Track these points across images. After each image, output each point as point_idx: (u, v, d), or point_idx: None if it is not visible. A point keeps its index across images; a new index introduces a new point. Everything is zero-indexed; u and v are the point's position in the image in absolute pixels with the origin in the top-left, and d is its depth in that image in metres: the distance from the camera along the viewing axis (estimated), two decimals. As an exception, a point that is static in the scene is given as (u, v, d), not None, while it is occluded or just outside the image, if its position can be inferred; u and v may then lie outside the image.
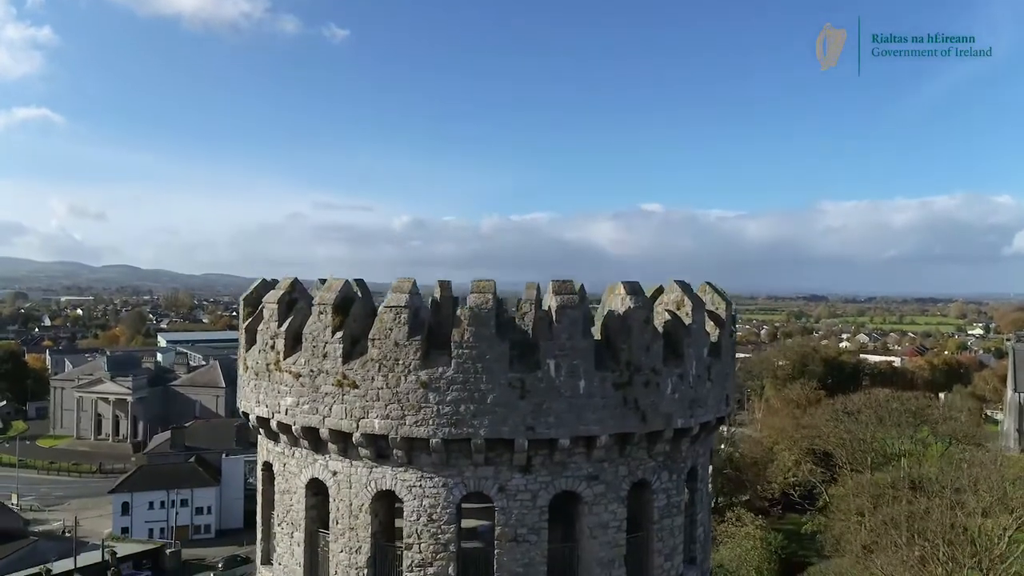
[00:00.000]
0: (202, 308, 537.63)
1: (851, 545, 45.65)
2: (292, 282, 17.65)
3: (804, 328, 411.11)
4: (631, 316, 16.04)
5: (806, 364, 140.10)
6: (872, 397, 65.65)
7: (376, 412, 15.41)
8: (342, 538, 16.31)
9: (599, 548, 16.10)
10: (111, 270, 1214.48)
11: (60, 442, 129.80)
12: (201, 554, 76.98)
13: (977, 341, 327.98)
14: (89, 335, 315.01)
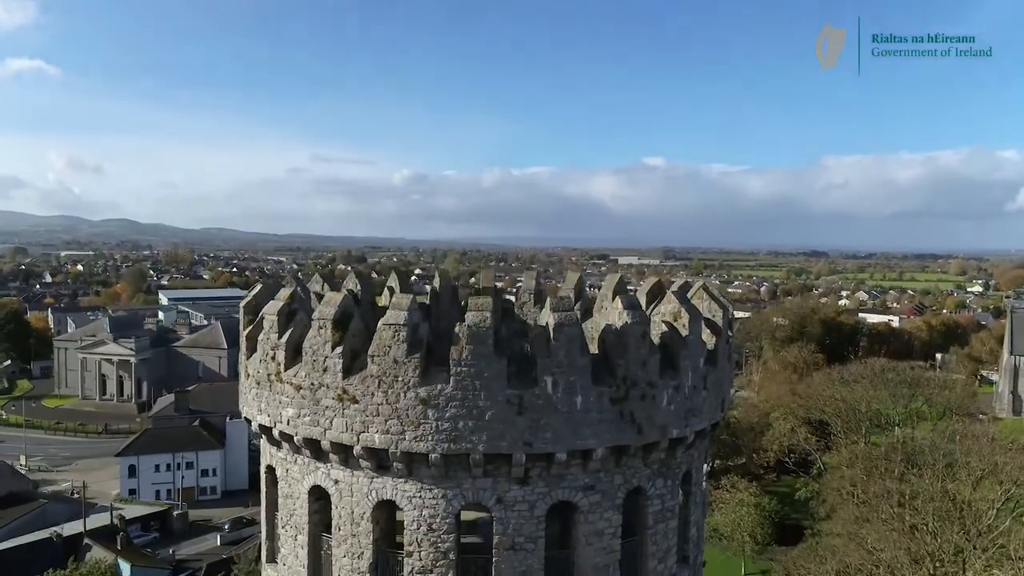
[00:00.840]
0: (202, 264, 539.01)
1: (844, 512, 46.66)
2: (292, 293, 17.73)
3: (804, 286, 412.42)
4: (628, 332, 16.17)
5: (804, 326, 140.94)
6: (868, 367, 66.14)
7: (376, 427, 15.66)
8: (344, 543, 16.74)
9: (594, 554, 16.54)
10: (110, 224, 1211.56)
11: (65, 402, 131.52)
12: (207, 515, 78.76)
13: (976, 299, 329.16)
14: (90, 292, 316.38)
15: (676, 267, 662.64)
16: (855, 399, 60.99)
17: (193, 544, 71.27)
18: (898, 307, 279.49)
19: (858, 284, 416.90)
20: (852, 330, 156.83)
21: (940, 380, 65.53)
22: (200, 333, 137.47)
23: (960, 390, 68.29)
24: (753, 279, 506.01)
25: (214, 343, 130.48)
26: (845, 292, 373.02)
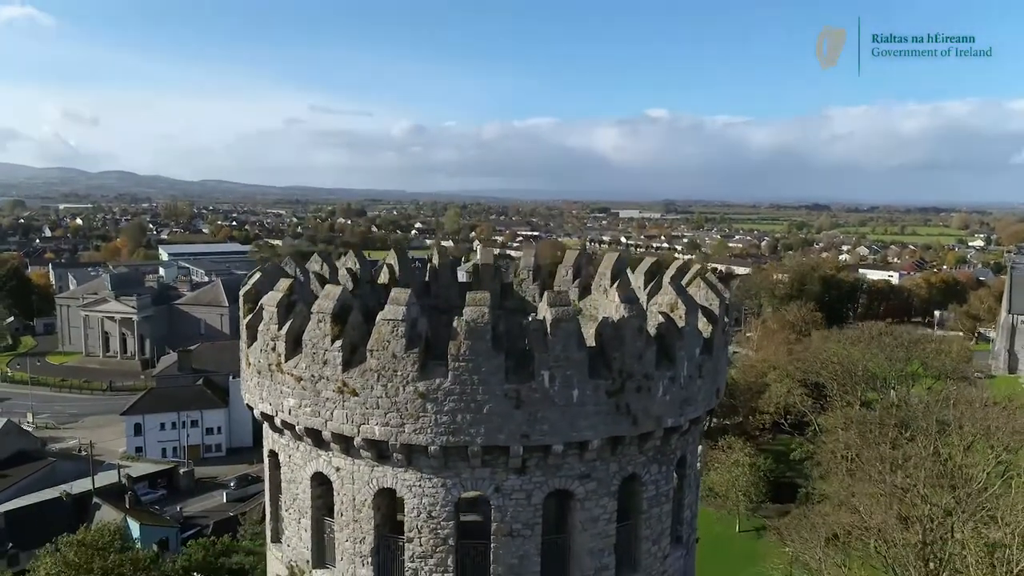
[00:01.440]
0: (202, 217, 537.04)
1: (837, 479, 47.62)
2: (290, 284, 17.80)
3: (805, 240, 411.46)
4: (625, 325, 16.30)
5: (804, 283, 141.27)
6: (865, 330, 66.52)
7: (376, 419, 15.92)
8: (347, 528, 17.19)
9: (590, 539, 17.00)
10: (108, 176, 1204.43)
11: (70, 359, 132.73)
12: (213, 472, 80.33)
13: (977, 254, 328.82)
14: (90, 247, 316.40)
15: (677, 220, 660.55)
16: (851, 362, 61.61)
17: (200, 501, 72.90)
18: (898, 262, 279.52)
19: (859, 239, 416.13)
20: (851, 287, 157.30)
21: (936, 344, 65.97)
22: (201, 291, 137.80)
23: (956, 354, 68.88)
24: (754, 233, 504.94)
25: (215, 300, 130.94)
26: (846, 247, 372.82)
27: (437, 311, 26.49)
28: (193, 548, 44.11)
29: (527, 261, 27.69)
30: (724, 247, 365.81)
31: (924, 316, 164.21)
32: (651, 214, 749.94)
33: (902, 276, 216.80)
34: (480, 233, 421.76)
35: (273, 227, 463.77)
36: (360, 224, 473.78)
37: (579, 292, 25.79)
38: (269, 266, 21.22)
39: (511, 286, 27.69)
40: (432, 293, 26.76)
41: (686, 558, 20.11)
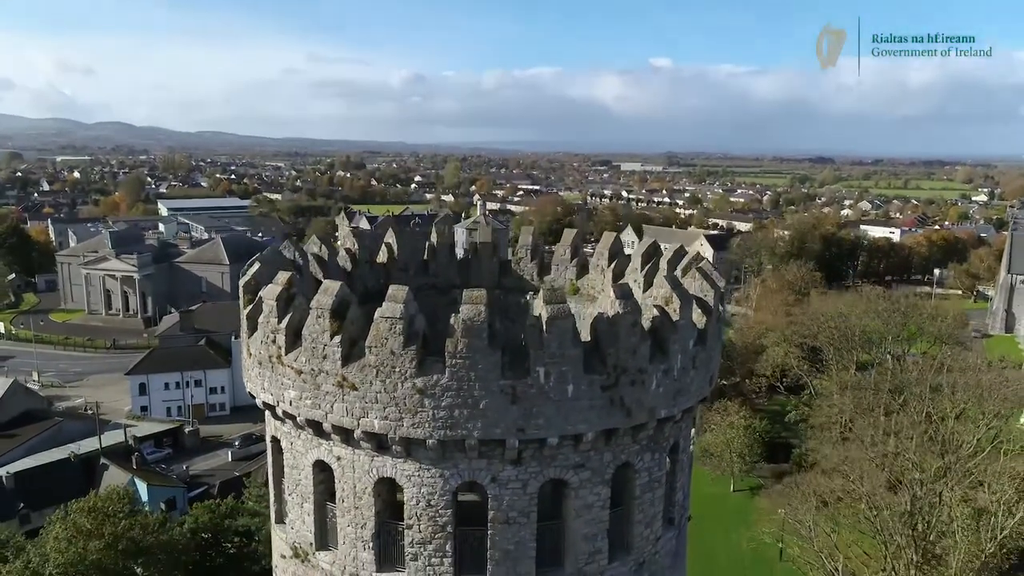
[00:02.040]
0: (200, 170, 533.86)
1: (829, 448, 48.50)
2: (289, 278, 17.93)
3: (807, 195, 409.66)
4: (620, 321, 16.51)
5: (805, 241, 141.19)
6: (863, 295, 66.78)
7: (375, 413, 16.26)
8: (348, 514, 17.70)
9: (584, 525, 17.53)
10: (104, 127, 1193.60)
11: (73, 316, 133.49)
12: (218, 431, 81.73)
13: (979, 210, 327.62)
14: (89, 201, 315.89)
15: (679, 174, 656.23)
16: (848, 327, 62.10)
17: (205, 460, 74.34)
18: (900, 218, 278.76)
19: (862, 193, 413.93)
20: (852, 246, 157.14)
21: (932, 310, 66.38)
22: (201, 249, 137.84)
23: (952, 320, 69.39)
24: (756, 187, 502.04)
25: (215, 259, 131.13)
26: (848, 202, 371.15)
27: (436, 290, 26.78)
28: (199, 510, 45.26)
29: (525, 240, 27.76)
30: (725, 202, 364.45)
31: (924, 274, 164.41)
32: (653, 167, 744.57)
33: (903, 233, 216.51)
34: (480, 188, 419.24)
35: (272, 180, 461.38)
36: (359, 177, 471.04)
37: (577, 271, 25.91)
38: (268, 252, 21.30)
39: (509, 264, 27.80)
40: (431, 272, 26.94)
41: (678, 538, 20.74)
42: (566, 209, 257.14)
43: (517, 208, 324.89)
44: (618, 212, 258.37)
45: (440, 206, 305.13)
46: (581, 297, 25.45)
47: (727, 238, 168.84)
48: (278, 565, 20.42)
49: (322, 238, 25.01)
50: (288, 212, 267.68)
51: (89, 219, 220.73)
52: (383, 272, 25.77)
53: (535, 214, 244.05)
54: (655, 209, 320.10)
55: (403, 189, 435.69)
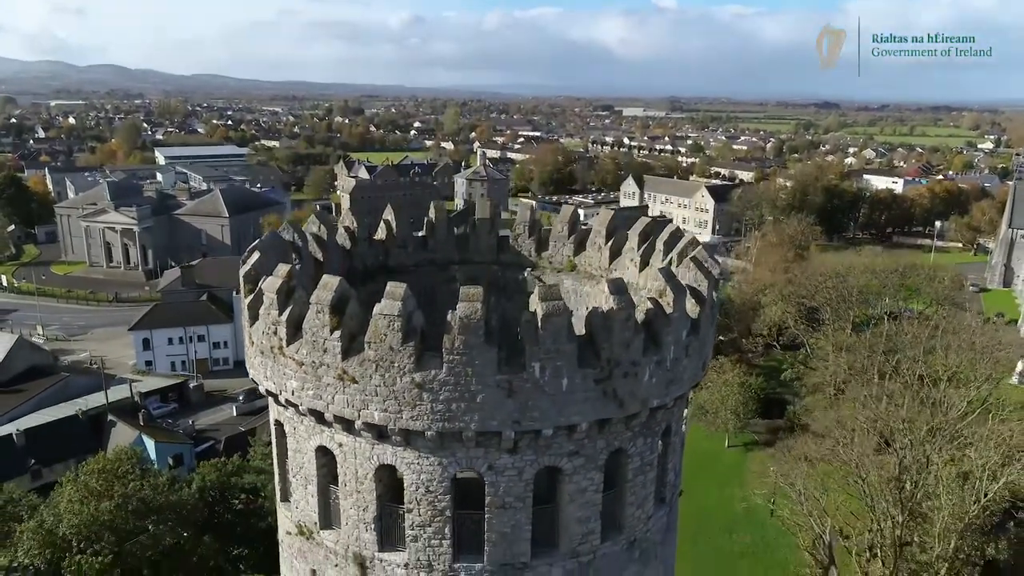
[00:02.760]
0: (196, 116, 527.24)
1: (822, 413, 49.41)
2: (289, 271, 18.16)
3: (811, 142, 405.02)
4: (613, 316, 16.82)
5: (807, 193, 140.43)
6: (862, 254, 66.85)
7: (375, 405, 16.70)
8: (351, 497, 18.34)
9: (577, 509, 18.17)
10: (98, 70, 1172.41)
11: (74, 269, 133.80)
12: (222, 385, 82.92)
13: (985, 158, 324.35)
14: (85, 148, 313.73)
15: (682, 119, 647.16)
16: (846, 287, 62.42)
17: (210, 414, 75.71)
18: (904, 167, 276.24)
19: (867, 140, 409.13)
20: (854, 198, 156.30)
21: (930, 270, 66.51)
22: (200, 201, 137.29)
23: (949, 281, 69.63)
24: (760, 134, 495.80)
25: (215, 211, 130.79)
26: (852, 149, 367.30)
27: (434, 265, 27.04)
28: (206, 469, 46.40)
29: (523, 216, 27.93)
30: (728, 150, 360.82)
31: (925, 226, 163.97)
32: (655, 112, 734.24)
33: (907, 183, 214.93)
34: (480, 135, 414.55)
35: (269, 126, 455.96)
36: (357, 124, 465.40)
37: (574, 248, 26.13)
38: (267, 238, 21.44)
39: (507, 240, 27.95)
40: (429, 247, 27.16)
41: (669, 514, 21.49)
42: (567, 158, 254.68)
43: (517, 156, 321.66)
44: (619, 161, 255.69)
45: (439, 154, 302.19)
46: (578, 274, 25.75)
47: (728, 190, 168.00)
48: (284, 540, 21.24)
49: (321, 217, 25.13)
50: (286, 161, 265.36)
51: (86, 168, 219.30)
52: (382, 249, 26.00)
53: (536, 163, 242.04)
54: (657, 158, 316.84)
55: (402, 136, 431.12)
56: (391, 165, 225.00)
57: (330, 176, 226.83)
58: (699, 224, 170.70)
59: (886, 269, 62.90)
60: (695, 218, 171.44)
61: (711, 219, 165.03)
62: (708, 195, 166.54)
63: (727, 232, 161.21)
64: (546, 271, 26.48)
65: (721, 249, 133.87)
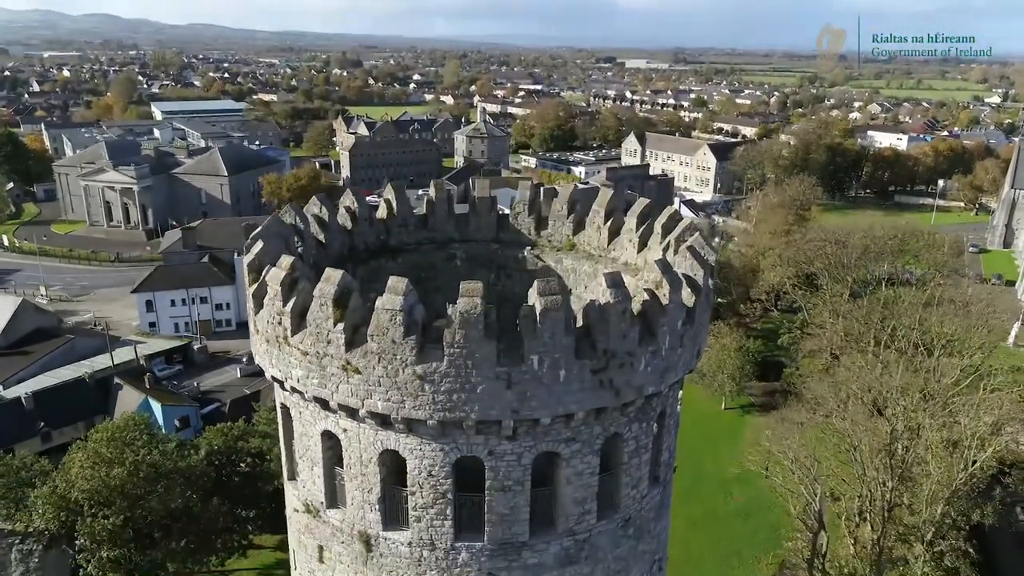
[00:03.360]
0: (192, 68, 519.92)
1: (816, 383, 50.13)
2: (292, 262, 18.47)
3: (816, 96, 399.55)
4: (610, 309, 17.22)
5: (809, 152, 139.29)
6: (862, 220, 66.83)
7: (378, 395, 17.20)
8: (355, 480, 19.00)
9: (574, 491, 18.85)
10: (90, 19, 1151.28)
11: (75, 228, 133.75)
12: (226, 347, 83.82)
13: (991, 113, 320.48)
14: (81, 103, 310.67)
15: (686, 72, 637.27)
16: (845, 253, 62.62)
17: (215, 376, 76.72)
18: (910, 123, 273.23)
19: (872, 95, 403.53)
20: (857, 156, 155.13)
21: (928, 236, 66.56)
22: (199, 159, 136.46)
23: (948, 247, 69.69)
24: (764, 87, 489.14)
25: (214, 170, 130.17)
26: (858, 104, 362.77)
27: (434, 244, 27.31)
28: (213, 434, 47.43)
29: (523, 195, 28.08)
30: (732, 104, 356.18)
31: (928, 185, 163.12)
32: (659, 64, 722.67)
33: (911, 139, 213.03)
34: (480, 88, 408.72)
35: (266, 79, 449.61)
36: (356, 76, 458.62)
37: (573, 227, 26.36)
38: (269, 223, 21.65)
39: (507, 218, 28.13)
40: (430, 226, 27.34)
41: (663, 492, 22.26)
42: (568, 113, 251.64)
43: (518, 111, 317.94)
44: (621, 117, 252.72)
45: (439, 109, 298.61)
46: (577, 253, 26.03)
47: (731, 148, 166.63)
48: (291, 517, 22.02)
49: (322, 199, 25.26)
50: (284, 116, 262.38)
51: (83, 124, 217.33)
52: (383, 228, 26.21)
53: (536, 119, 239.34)
54: (659, 112, 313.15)
55: (401, 90, 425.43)
56: (390, 121, 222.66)
57: (329, 132, 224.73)
58: (700, 182, 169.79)
59: (885, 235, 63.07)
60: (696, 176, 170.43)
61: (712, 177, 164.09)
62: (710, 153, 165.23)
63: (728, 191, 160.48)
64: (545, 250, 26.69)
65: (722, 208, 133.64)
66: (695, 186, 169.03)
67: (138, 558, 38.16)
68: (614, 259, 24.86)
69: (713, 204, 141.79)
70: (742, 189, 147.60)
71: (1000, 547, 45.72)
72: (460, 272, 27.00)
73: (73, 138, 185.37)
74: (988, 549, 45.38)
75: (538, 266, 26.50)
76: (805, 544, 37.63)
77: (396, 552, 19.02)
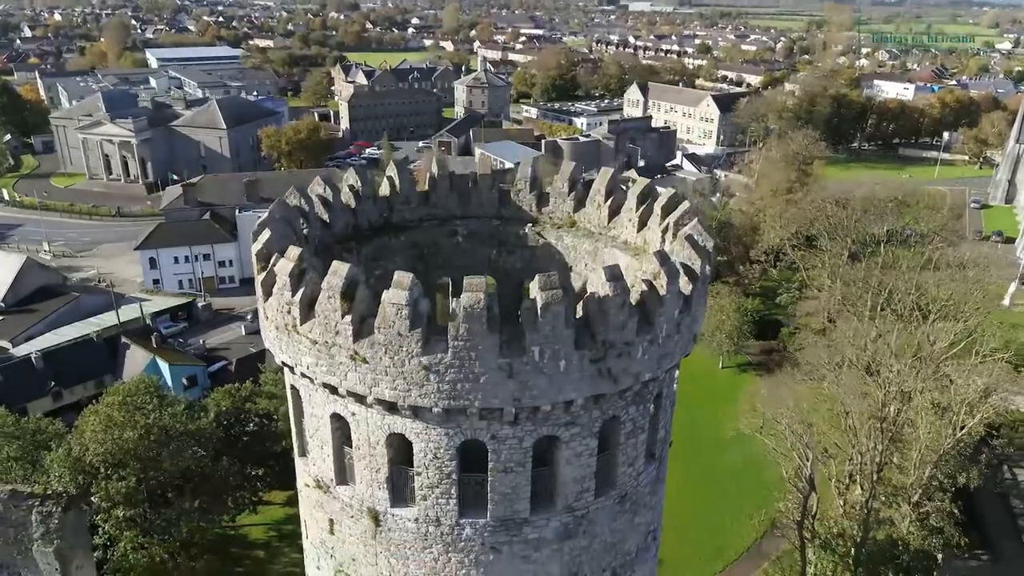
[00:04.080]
0: (186, 12, 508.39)
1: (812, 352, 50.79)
2: (300, 254, 18.90)
3: (823, 42, 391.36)
4: (609, 302, 17.74)
5: (814, 105, 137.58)
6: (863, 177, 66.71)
7: (385, 384, 17.87)
8: (364, 460, 19.84)
9: (573, 471, 19.70)
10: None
11: (74, 181, 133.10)
12: (230, 304, 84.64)
13: (1001, 60, 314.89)
14: (74, 48, 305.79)
15: (690, 16, 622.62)
16: (845, 215, 62.68)
17: (220, 333, 77.64)
18: (917, 70, 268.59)
19: (881, 41, 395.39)
20: (862, 108, 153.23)
21: (929, 199, 66.38)
22: (197, 112, 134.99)
23: (947, 211, 69.57)
24: (771, 32, 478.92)
25: (212, 123, 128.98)
26: (865, 50, 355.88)
27: (436, 220, 27.66)
28: (221, 395, 48.50)
29: (524, 172, 28.28)
30: (737, 51, 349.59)
31: (933, 136, 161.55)
32: (663, 7, 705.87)
33: (918, 88, 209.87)
34: (481, 33, 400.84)
35: (262, 23, 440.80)
36: (353, 20, 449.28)
37: (574, 205, 26.67)
38: (275, 209, 21.96)
39: (508, 195, 28.39)
40: (431, 202, 27.62)
41: (659, 467, 23.18)
42: (569, 61, 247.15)
43: (519, 57, 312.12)
44: (624, 66, 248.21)
45: (438, 56, 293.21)
46: (578, 231, 26.42)
47: (734, 99, 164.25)
48: (303, 491, 22.97)
49: (325, 179, 25.46)
50: (281, 63, 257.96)
51: (78, 72, 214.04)
52: (385, 205, 26.53)
53: (538, 67, 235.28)
54: (663, 59, 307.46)
55: (399, 34, 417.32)
56: (389, 70, 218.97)
57: (327, 81, 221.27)
58: (703, 134, 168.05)
59: (886, 198, 63.00)
60: (700, 128, 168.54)
61: (716, 129, 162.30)
62: (713, 105, 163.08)
63: (732, 143, 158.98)
64: (546, 226, 27.03)
65: (724, 162, 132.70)
66: (698, 138, 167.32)
67: (153, 516, 39.60)
68: (614, 237, 25.27)
69: (716, 157, 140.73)
70: (745, 142, 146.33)
71: (986, 506, 47.35)
72: (462, 248, 27.47)
73: (68, 87, 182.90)
74: (974, 509, 47.00)
75: (539, 243, 26.87)
76: (795, 506, 39.02)
77: (403, 527, 19.99)
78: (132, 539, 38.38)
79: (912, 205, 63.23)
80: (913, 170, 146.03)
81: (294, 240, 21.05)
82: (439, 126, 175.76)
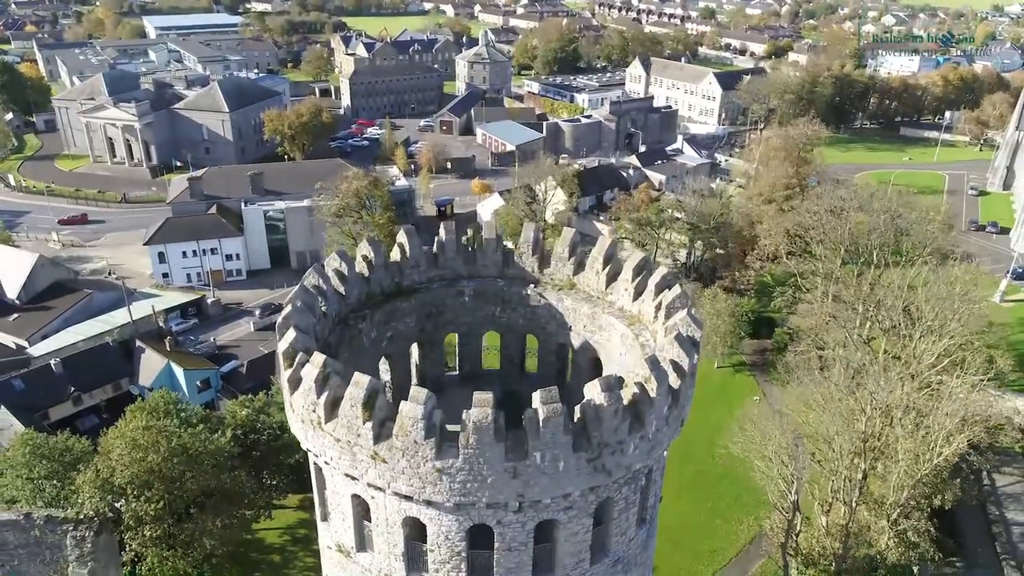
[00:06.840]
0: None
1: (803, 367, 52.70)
2: (324, 360, 20.73)
3: (828, 6, 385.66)
4: (604, 410, 19.70)
5: (816, 85, 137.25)
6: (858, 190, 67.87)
7: (402, 481, 19.91)
8: (382, 536, 22.02)
9: (571, 546, 21.90)
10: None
11: (79, 164, 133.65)
12: (238, 297, 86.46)
13: (1009, 27, 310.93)
14: (70, 14, 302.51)
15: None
16: (840, 224, 63.89)
17: (229, 329, 79.55)
18: (923, 39, 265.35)
19: (887, 4, 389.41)
20: (864, 88, 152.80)
21: (923, 212, 67.29)
22: (199, 95, 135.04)
23: (940, 221, 70.50)
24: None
25: (214, 106, 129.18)
26: (872, 14, 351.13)
27: (444, 281, 29.51)
28: (235, 407, 50.70)
29: (527, 236, 29.98)
30: (741, 15, 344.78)
31: (935, 115, 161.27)
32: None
33: (923, 60, 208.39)
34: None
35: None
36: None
37: (574, 268, 28.50)
38: (296, 296, 23.56)
39: (512, 256, 30.14)
40: (439, 264, 29.45)
41: (649, 528, 25.39)
42: (571, 29, 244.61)
43: (521, 23, 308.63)
44: (626, 36, 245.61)
45: (439, 24, 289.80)
46: (577, 293, 28.30)
47: (737, 77, 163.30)
48: (324, 552, 25.26)
49: (342, 255, 27.08)
50: (280, 32, 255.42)
51: (76, 44, 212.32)
52: (396, 270, 28.38)
53: (540, 38, 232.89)
54: (666, 25, 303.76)
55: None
56: (389, 43, 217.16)
57: (327, 53, 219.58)
58: (705, 112, 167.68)
59: (879, 209, 63.98)
60: (701, 106, 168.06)
61: (717, 107, 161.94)
62: (715, 82, 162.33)
63: (733, 121, 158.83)
64: (548, 288, 28.91)
65: (725, 143, 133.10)
66: (699, 116, 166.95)
67: (176, 531, 42.10)
68: (611, 303, 27.20)
69: (717, 137, 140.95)
70: (746, 122, 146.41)
71: (962, 513, 49.73)
72: (468, 307, 29.39)
73: (67, 60, 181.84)
74: (952, 517, 49.34)
75: (541, 303, 28.78)
76: (780, 526, 41.26)
77: (418, 594, 22.30)
78: (158, 554, 40.95)
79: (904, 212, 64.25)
80: (913, 151, 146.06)
81: (315, 325, 23.14)
82: (441, 102, 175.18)
